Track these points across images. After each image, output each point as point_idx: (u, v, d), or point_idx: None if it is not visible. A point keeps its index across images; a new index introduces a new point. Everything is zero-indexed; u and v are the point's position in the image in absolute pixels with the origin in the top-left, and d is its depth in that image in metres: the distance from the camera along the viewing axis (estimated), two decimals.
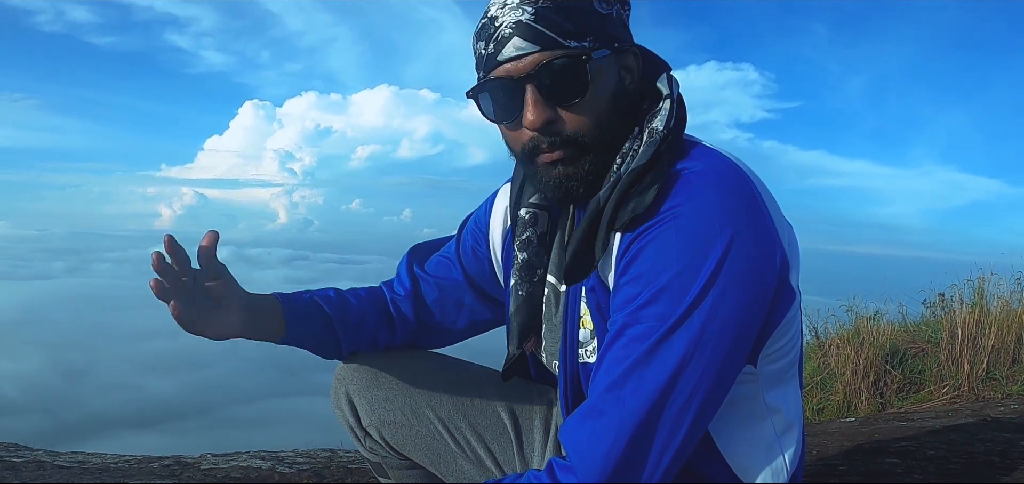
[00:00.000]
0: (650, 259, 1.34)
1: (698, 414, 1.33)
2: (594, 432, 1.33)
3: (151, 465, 3.19)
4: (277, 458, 3.32)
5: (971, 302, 5.72)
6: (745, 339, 1.37)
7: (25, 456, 3.22)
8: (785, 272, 1.41)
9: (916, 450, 3.34)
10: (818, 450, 3.43)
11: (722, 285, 1.31)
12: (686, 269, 1.31)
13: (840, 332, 5.70)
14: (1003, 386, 5.04)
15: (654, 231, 1.35)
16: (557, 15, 1.39)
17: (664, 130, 1.43)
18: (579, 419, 1.37)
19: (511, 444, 1.90)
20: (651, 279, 1.33)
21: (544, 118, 1.41)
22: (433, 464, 1.90)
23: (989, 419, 4.05)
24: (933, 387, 5.10)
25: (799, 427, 1.62)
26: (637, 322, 1.34)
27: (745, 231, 1.33)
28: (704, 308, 1.31)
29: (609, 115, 1.44)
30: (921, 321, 6.34)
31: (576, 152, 1.44)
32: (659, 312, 1.32)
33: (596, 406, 1.35)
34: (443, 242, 2.00)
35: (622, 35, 1.48)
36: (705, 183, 1.36)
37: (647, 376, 1.31)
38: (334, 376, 1.92)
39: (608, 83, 1.45)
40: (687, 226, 1.33)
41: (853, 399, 5.11)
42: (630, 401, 1.31)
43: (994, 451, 3.28)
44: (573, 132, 1.42)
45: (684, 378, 1.31)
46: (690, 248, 1.32)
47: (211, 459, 3.29)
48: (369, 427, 1.88)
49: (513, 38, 1.40)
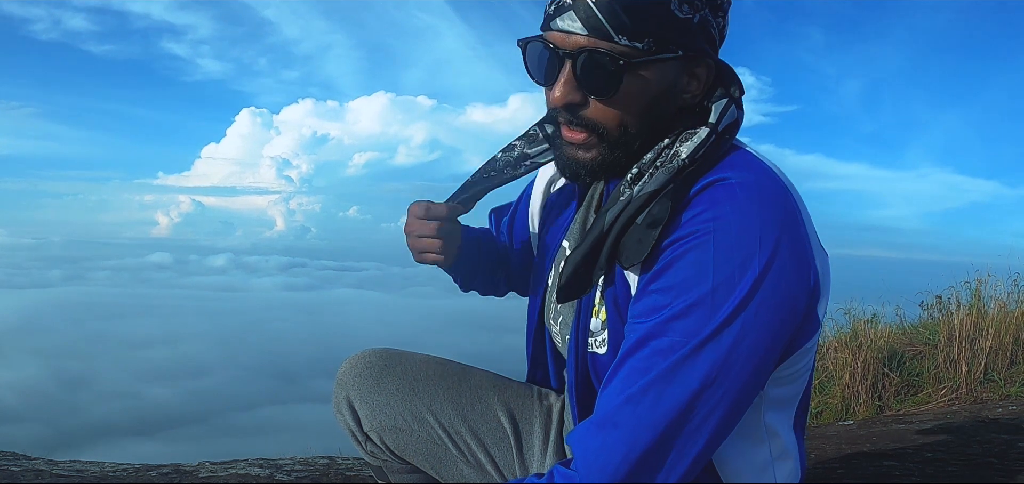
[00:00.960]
0: (683, 270, 1.30)
1: (712, 436, 1.30)
2: (606, 444, 1.30)
3: (149, 473, 3.19)
4: (275, 466, 3.32)
5: (968, 304, 5.72)
6: (768, 364, 1.33)
7: (24, 465, 3.22)
8: (815, 300, 1.37)
9: (914, 452, 3.34)
10: (816, 453, 3.43)
11: (755, 308, 1.27)
12: (721, 287, 1.27)
13: (838, 335, 5.70)
14: (1001, 387, 5.05)
15: (690, 242, 1.30)
16: (622, 10, 1.33)
17: (686, 160, 1.38)
18: (592, 428, 1.33)
19: (511, 448, 1.89)
20: (682, 291, 1.29)
21: (568, 100, 1.39)
22: (433, 468, 1.90)
23: (987, 421, 4.05)
24: (931, 389, 5.10)
25: (796, 461, 1.58)
26: (663, 334, 1.29)
27: (784, 253, 1.29)
28: (734, 329, 1.27)
29: (640, 118, 1.41)
30: (919, 323, 6.34)
31: (597, 140, 1.42)
32: (688, 328, 1.27)
33: (611, 417, 1.30)
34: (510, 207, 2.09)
35: (696, 43, 1.40)
36: (746, 195, 1.32)
37: (667, 394, 1.27)
38: (335, 381, 1.92)
39: (651, 88, 1.39)
40: (726, 240, 1.28)
41: (851, 402, 5.11)
42: (646, 416, 1.27)
43: (992, 452, 3.29)
44: (596, 121, 1.40)
45: (705, 399, 1.27)
46: (727, 265, 1.27)
47: (209, 467, 3.30)
48: (370, 431, 1.88)
49: (571, 11, 1.36)
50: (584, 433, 1.34)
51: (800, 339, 1.39)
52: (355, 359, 1.92)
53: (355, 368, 1.90)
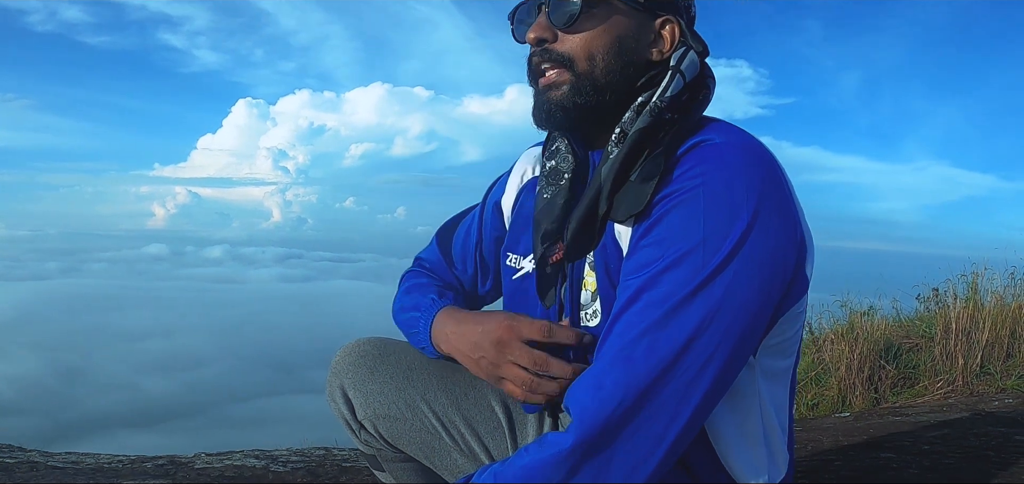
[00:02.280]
0: (674, 224, 1.34)
1: (710, 388, 1.31)
2: (598, 390, 1.31)
3: (145, 465, 3.19)
4: (271, 457, 3.32)
5: (965, 297, 5.73)
6: (762, 317, 1.36)
7: (19, 457, 3.21)
8: (803, 256, 1.41)
9: (910, 445, 3.34)
10: (812, 445, 3.44)
11: (746, 255, 1.30)
12: (711, 237, 1.30)
13: (834, 327, 5.70)
14: (997, 380, 5.05)
15: (679, 196, 1.35)
16: None
17: (658, 101, 1.46)
18: (584, 380, 1.35)
19: (505, 437, 1.89)
20: (673, 243, 1.33)
21: (539, 35, 1.52)
22: (427, 457, 1.90)
23: (983, 413, 4.06)
24: (927, 382, 5.10)
25: (787, 434, 1.60)
26: (655, 286, 1.32)
27: (771, 206, 1.34)
28: (725, 278, 1.30)
29: (606, 56, 1.50)
30: (915, 316, 6.35)
31: (565, 73, 1.50)
32: (679, 278, 1.30)
33: (604, 367, 1.32)
34: (465, 216, 2.02)
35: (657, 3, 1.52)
36: (732, 153, 1.37)
37: (660, 340, 1.29)
38: (329, 370, 1.92)
39: (614, 28, 1.50)
40: (715, 193, 1.32)
41: (847, 394, 5.11)
42: (640, 365, 1.29)
43: (989, 445, 3.29)
44: (563, 52, 1.50)
45: (698, 346, 1.29)
46: (716, 217, 1.31)
47: (205, 458, 3.29)
48: (364, 420, 1.87)
49: None
50: (577, 388, 1.35)
51: (791, 298, 1.42)
52: (349, 348, 1.92)
53: (349, 357, 1.90)
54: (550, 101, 1.52)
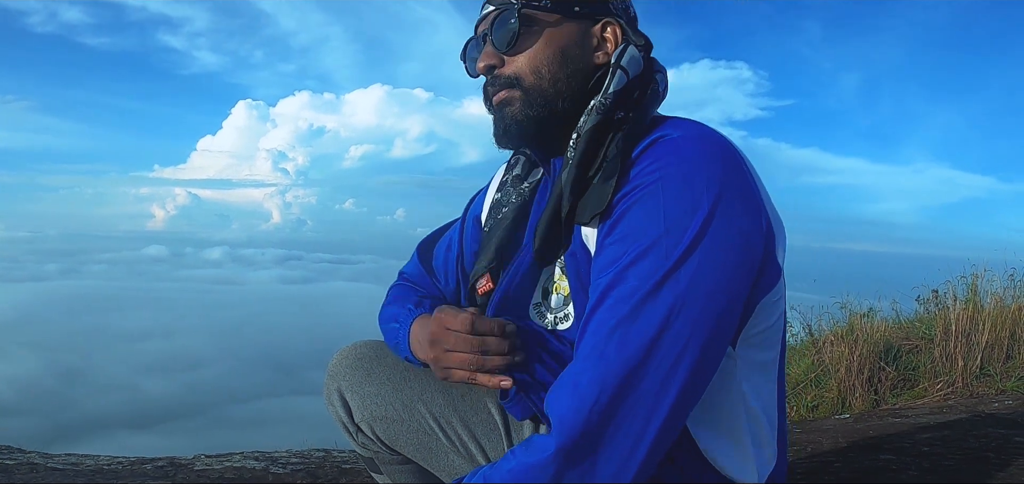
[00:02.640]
0: (636, 219, 1.35)
1: (687, 380, 1.30)
2: (575, 390, 1.31)
3: (144, 466, 3.18)
4: (271, 458, 3.32)
5: (965, 298, 5.72)
6: (733, 305, 1.36)
7: (18, 458, 3.21)
8: (771, 243, 1.41)
9: (910, 446, 3.34)
10: (812, 447, 3.43)
11: (709, 243, 1.31)
12: (673, 227, 1.31)
13: (834, 329, 5.70)
14: (997, 382, 5.05)
15: (639, 192, 1.36)
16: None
17: (602, 99, 1.49)
18: (561, 383, 1.36)
19: (501, 440, 1.89)
20: (636, 238, 1.34)
21: (487, 63, 1.59)
22: (424, 459, 1.90)
23: (983, 415, 4.06)
24: (927, 383, 5.10)
25: (775, 429, 1.60)
26: (622, 282, 1.33)
27: (732, 193, 1.34)
28: (690, 266, 1.30)
29: (552, 67, 1.55)
30: (915, 318, 6.34)
31: (514, 92, 1.56)
32: (644, 270, 1.31)
33: (579, 366, 1.33)
34: (446, 230, 2.03)
35: (593, 6, 1.58)
36: (689, 146, 1.38)
37: (631, 333, 1.29)
38: (327, 372, 1.92)
39: (555, 40, 1.56)
40: (674, 186, 1.34)
41: (847, 396, 5.11)
42: (613, 359, 1.29)
43: (988, 447, 3.29)
44: (511, 74, 1.56)
45: (670, 337, 1.29)
46: (677, 207, 1.32)
47: (205, 460, 3.29)
48: (361, 422, 1.88)
49: (486, 3, 1.62)
50: (555, 392, 1.36)
51: (763, 285, 1.42)
52: (346, 351, 1.93)
53: (346, 359, 1.91)
54: (505, 118, 1.57)
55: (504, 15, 1.56)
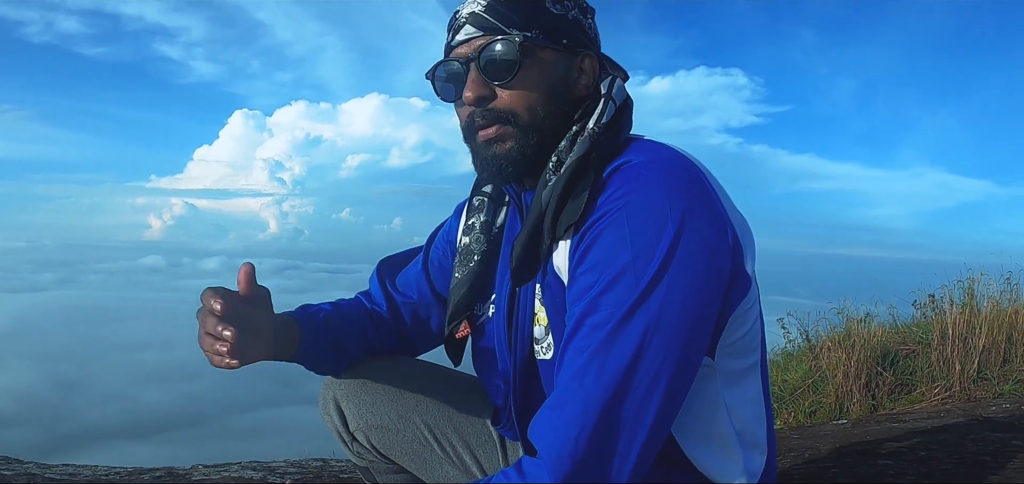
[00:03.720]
0: (604, 248, 1.37)
1: (665, 398, 1.34)
2: (559, 422, 1.33)
3: (142, 477, 3.18)
4: (268, 468, 3.32)
5: (961, 303, 5.73)
6: (705, 321, 1.38)
7: (16, 469, 3.21)
8: (739, 255, 1.44)
9: (908, 451, 3.35)
10: (810, 452, 3.44)
11: (677, 266, 1.33)
12: (640, 253, 1.34)
13: (831, 334, 5.71)
14: (994, 386, 5.05)
15: (606, 220, 1.38)
16: (505, 7, 1.53)
17: (594, 128, 1.51)
18: (543, 413, 1.38)
19: (496, 450, 1.91)
20: (606, 267, 1.36)
21: (478, 94, 1.53)
22: (419, 468, 1.90)
23: (981, 419, 4.06)
24: (924, 388, 5.11)
25: (763, 429, 1.62)
26: (595, 310, 1.36)
27: (695, 212, 1.37)
28: (660, 289, 1.33)
29: (545, 103, 1.54)
30: (912, 322, 6.35)
31: (507, 129, 1.54)
32: (616, 298, 1.34)
33: (560, 397, 1.35)
34: (411, 256, 2.04)
35: (575, 36, 1.58)
36: (651, 171, 1.40)
37: (608, 361, 1.32)
38: (323, 382, 1.94)
39: (548, 74, 1.55)
40: (639, 212, 1.36)
41: (845, 401, 5.12)
42: (592, 388, 1.32)
43: (986, 450, 3.29)
44: (505, 109, 1.53)
45: (646, 360, 1.32)
46: (643, 233, 1.35)
47: (202, 470, 3.29)
48: (356, 431, 1.89)
49: (465, 26, 1.55)
50: (539, 419, 1.38)
51: (734, 297, 1.45)
52: None
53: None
54: (499, 157, 1.55)
55: (496, 44, 1.52)
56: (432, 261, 1.96)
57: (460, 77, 1.56)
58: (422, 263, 1.97)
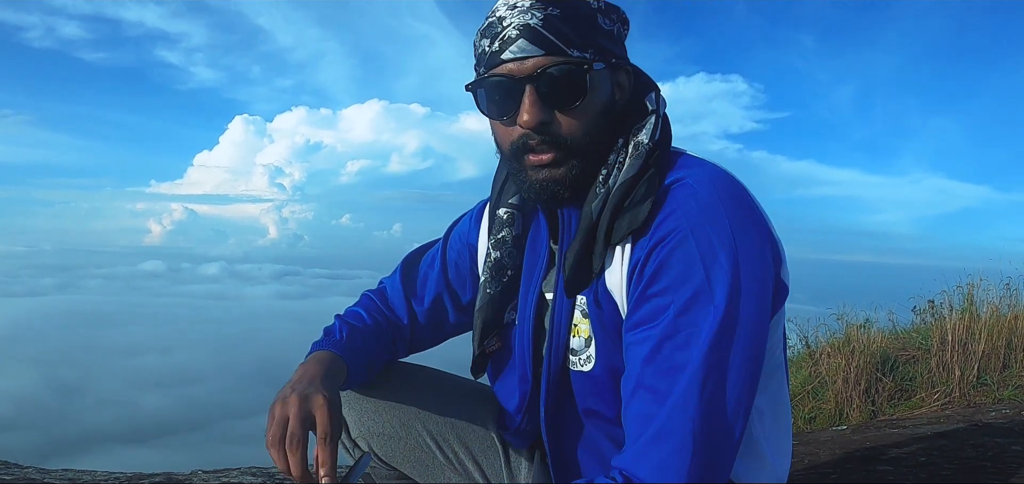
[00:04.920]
0: (675, 269, 1.38)
1: (746, 413, 1.37)
2: (670, 455, 1.33)
3: (141, 481, 3.18)
4: (268, 474, 3.31)
5: (961, 308, 5.73)
6: (765, 333, 1.42)
7: (15, 473, 3.21)
8: (779, 264, 1.46)
9: (908, 456, 3.35)
10: (810, 458, 3.43)
11: (744, 283, 1.36)
12: (712, 272, 1.35)
13: (831, 340, 5.71)
14: (994, 391, 5.05)
15: (672, 240, 1.39)
16: (564, 25, 1.44)
17: (649, 143, 1.49)
18: (647, 445, 1.36)
19: (498, 458, 1.91)
20: (679, 288, 1.37)
21: (539, 119, 1.45)
22: (422, 475, 1.90)
23: (980, 424, 4.06)
24: (924, 394, 5.10)
25: (788, 438, 1.66)
26: (676, 333, 1.36)
27: (749, 228, 1.41)
28: (735, 308, 1.35)
29: (599, 125, 1.49)
30: (911, 328, 6.35)
31: (565, 155, 1.48)
32: (695, 319, 1.35)
33: (663, 428, 1.34)
34: (430, 247, 2.00)
35: (619, 52, 1.54)
36: (707, 189, 1.42)
37: (706, 386, 1.33)
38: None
39: (601, 95, 1.50)
40: (703, 231, 1.38)
41: (844, 407, 5.12)
42: (695, 414, 1.32)
43: (985, 456, 3.29)
44: (565, 135, 1.47)
45: (732, 381, 1.35)
46: (710, 252, 1.36)
47: (202, 475, 3.28)
48: (358, 438, 1.88)
49: (519, 40, 1.44)
50: (640, 453, 1.36)
51: (776, 305, 1.48)
52: None
53: None
54: (553, 181, 1.50)
55: (559, 69, 1.44)
56: (450, 261, 1.93)
57: (514, 97, 1.47)
58: (441, 264, 1.94)
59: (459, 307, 1.93)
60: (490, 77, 1.50)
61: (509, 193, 1.76)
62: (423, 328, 1.94)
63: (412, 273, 1.97)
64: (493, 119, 1.56)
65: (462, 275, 1.91)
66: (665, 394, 1.35)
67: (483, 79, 1.51)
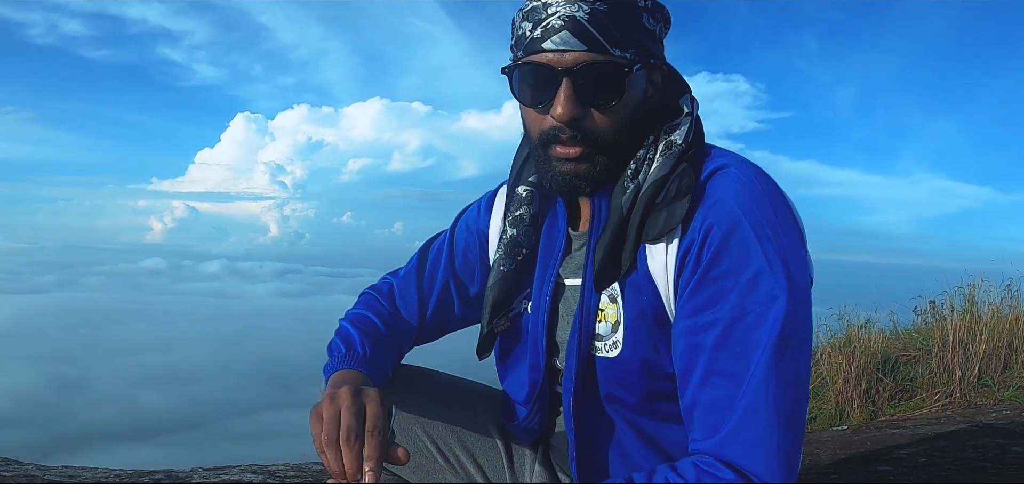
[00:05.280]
0: (735, 252, 1.38)
1: (808, 382, 1.41)
2: (759, 435, 1.33)
3: (142, 479, 3.18)
4: (268, 472, 3.31)
5: (962, 309, 5.73)
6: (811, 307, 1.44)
7: (15, 470, 3.21)
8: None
9: (908, 457, 3.35)
10: (811, 459, 3.43)
11: (796, 257, 1.39)
12: (769, 251, 1.37)
13: (832, 340, 5.71)
14: (994, 392, 5.05)
15: (726, 225, 1.39)
16: (609, 22, 1.44)
17: (683, 143, 1.50)
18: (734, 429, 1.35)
19: (501, 459, 1.89)
20: (742, 269, 1.37)
21: (573, 114, 1.45)
22: (422, 479, 1.89)
23: (981, 425, 4.06)
24: (925, 394, 5.10)
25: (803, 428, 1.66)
26: (745, 314, 1.36)
27: (791, 207, 1.46)
28: (793, 281, 1.37)
29: (630, 123, 1.50)
30: (912, 329, 6.35)
31: (593, 151, 1.49)
32: (761, 297, 1.36)
33: (748, 408, 1.34)
34: (437, 238, 1.97)
35: (657, 51, 1.54)
36: (750, 174, 1.46)
37: (782, 364, 1.34)
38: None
39: (636, 94, 1.50)
40: (757, 215, 1.39)
41: (845, 407, 5.11)
42: (777, 395, 1.33)
43: (986, 457, 3.29)
44: (597, 132, 1.47)
45: (802, 355, 1.37)
46: (765, 232, 1.38)
47: (202, 473, 3.28)
48: None
49: (562, 31, 1.43)
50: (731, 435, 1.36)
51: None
52: None
53: None
54: (577, 175, 1.51)
55: (600, 67, 1.44)
56: (457, 250, 1.90)
57: (551, 87, 1.47)
58: (448, 253, 1.91)
59: (465, 300, 1.91)
60: (529, 62, 1.49)
61: (528, 172, 1.74)
62: (429, 325, 1.92)
63: (423, 271, 1.94)
64: (525, 105, 1.55)
65: (470, 264, 1.89)
66: (741, 376, 1.35)
67: (522, 63, 1.51)
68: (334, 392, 1.45)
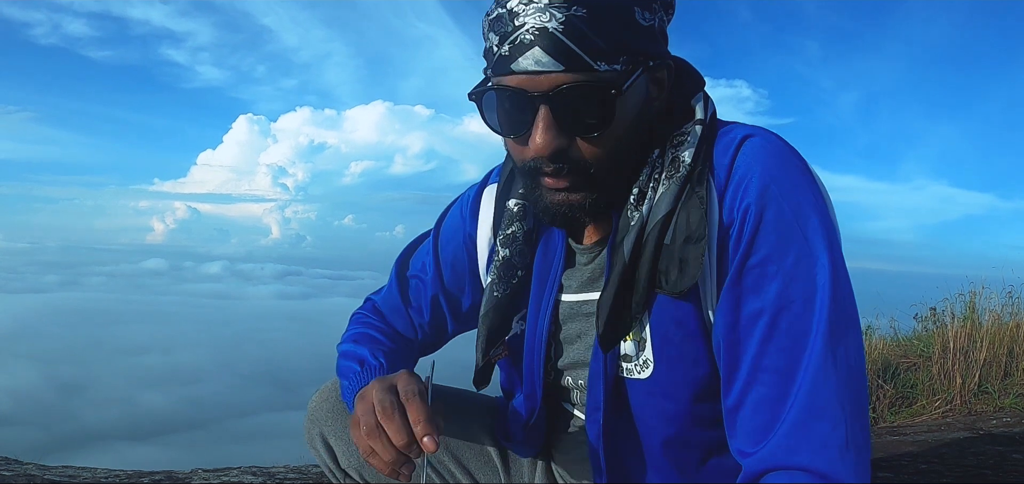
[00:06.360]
0: (772, 234, 1.25)
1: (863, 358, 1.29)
2: (825, 433, 1.19)
3: (142, 479, 3.18)
4: (268, 473, 3.31)
5: (963, 316, 5.74)
6: None
7: (15, 470, 3.21)
8: None
9: (909, 464, 3.34)
10: None
11: (831, 233, 1.27)
12: (808, 232, 1.25)
13: None
14: (995, 399, 5.05)
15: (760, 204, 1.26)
16: (590, 30, 1.21)
17: (691, 164, 1.31)
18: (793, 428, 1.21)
19: (498, 473, 1.83)
20: (782, 253, 1.24)
21: (554, 147, 1.26)
22: None
23: (981, 432, 4.06)
24: (925, 401, 5.10)
25: None
26: (791, 302, 1.23)
27: (819, 180, 1.33)
28: (835, 261, 1.25)
29: (628, 142, 1.32)
30: (913, 335, 6.35)
31: (584, 182, 1.30)
32: (806, 284, 1.23)
33: (808, 404, 1.20)
34: (419, 245, 1.84)
35: (659, 48, 1.34)
36: (778, 146, 1.31)
37: (837, 348, 1.21)
38: (307, 415, 1.78)
39: (633, 107, 1.30)
40: (790, 193, 1.26)
41: None
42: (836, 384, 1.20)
43: (986, 464, 3.29)
44: (585, 163, 1.29)
45: (854, 332, 1.25)
46: (801, 211, 1.25)
47: (203, 474, 3.29)
48: (348, 468, 1.75)
49: (534, 48, 1.21)
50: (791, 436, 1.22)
51: None
52: (326, 392, 1.79)
53: (327, 403, 1.77)
54: (570, 205, 1.33)
55: (581, 90, 1.23)
56: (444, 262, 1.76)
57: (526, 115, 1.26)
58: (434, 268, 1.76)
59: (458, 316, 1.80)
60: (497, 91, 1.29)
61: (519, 183, 1.53)
62: (422, 343, 1.84)
63: (406, 285, 1.82)
64: (499, 134, 1.36)
65: (460, 276, 1.75)
66: (794, 370, 1.22)
67: (489, 89, 1.30)
68: (363, 394, 1.39)
